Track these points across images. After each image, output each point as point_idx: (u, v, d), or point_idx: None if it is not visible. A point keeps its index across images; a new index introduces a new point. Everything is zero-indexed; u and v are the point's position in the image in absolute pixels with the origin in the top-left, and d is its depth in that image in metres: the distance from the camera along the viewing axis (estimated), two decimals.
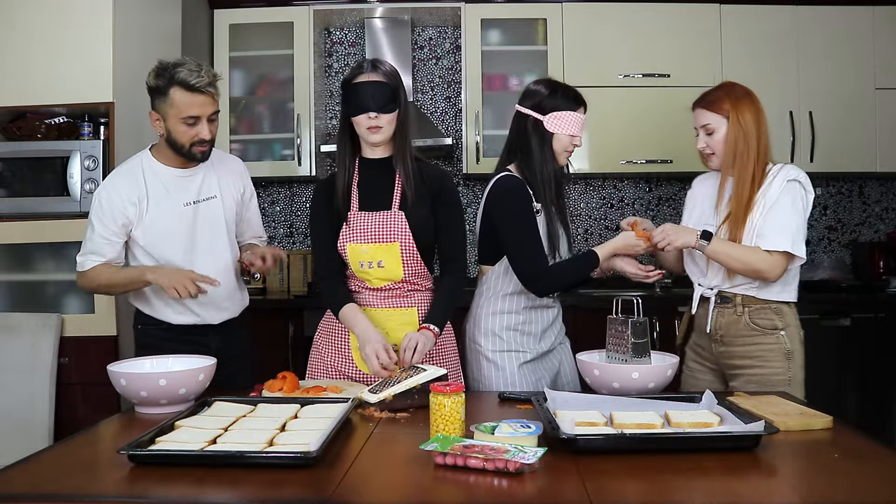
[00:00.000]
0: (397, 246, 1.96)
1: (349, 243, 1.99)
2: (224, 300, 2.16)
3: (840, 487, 1.21)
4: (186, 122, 1.97)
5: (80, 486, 1.23)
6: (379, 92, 1.91)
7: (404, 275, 1.99)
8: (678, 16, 3.60)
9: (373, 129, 1.94)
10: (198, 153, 2.03)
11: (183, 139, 1.99)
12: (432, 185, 2.01)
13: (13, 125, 2.89)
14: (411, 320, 2.01)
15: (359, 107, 1.93)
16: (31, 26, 2.77)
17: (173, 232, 2.06)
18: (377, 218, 1.98)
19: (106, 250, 2.05)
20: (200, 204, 2.10)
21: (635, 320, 1.78)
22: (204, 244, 2.10)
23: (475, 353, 2.09)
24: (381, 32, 3.78)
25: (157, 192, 2.05)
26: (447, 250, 2.05)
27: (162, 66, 1.98)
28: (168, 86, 1.95)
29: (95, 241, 2.04)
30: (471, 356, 2.11)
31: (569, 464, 1.28)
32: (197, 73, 1.94)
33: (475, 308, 2.13)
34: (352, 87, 1.94)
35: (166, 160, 2.07)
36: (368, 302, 2.03)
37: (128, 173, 2.07)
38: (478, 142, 3.57)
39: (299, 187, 3.99)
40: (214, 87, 2.00)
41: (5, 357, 2.70)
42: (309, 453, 1.25)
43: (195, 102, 1.96)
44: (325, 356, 2.08)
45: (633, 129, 3.59)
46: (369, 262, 1.98)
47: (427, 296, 2.06)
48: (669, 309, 3.34)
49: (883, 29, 3.58)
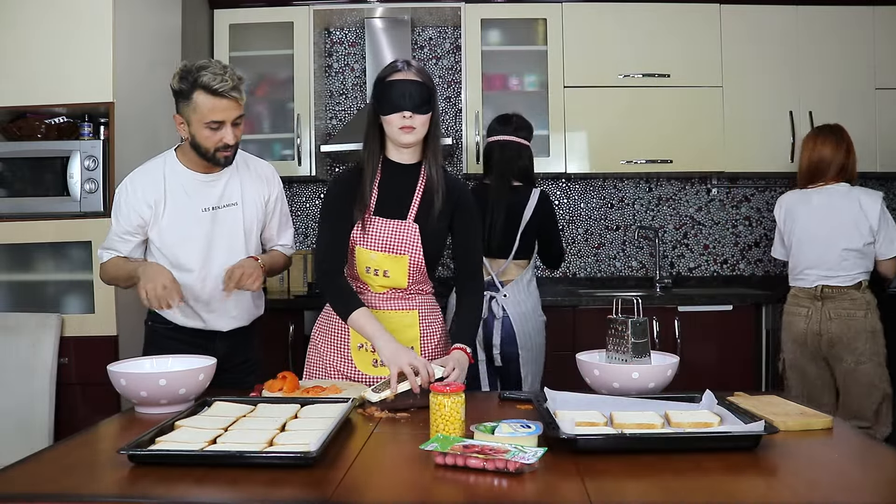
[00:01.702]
0: (406, 259, 1.94)
1: (358, 246, 1.96)
2: (233, 308, 2.14)
3: (840, 487, 1.21)
4: (210, 127, 1.92)
5: (80, 486, 1.23)
6: (415, 91, 1.86)
7: (408, 285, 1.99)
8: (678, 16, 3.60)
9: (405, 130, 1.88)
10: (221, 158, 1.98)
11: (207, 144, 1.95)
12: (453, 197, 1.98)
13: (13, 125, 2.89)
14: (412, 322, 2.01)
15: (392, 105, 1.87)
16: (31, 26, 2.76)
17: (189, 236, 2.04)
18: (391, 227, 1.95)
19: (120, 247, 2.07)
20: (220, 210, 2.06)
21: (635, 320, 1.78)
22: (220, 251, 2.06)
23: (540, 323, 2.76)
24: (381, 32, 3.78)
25: (176, 195, 2.03)
26: (466, 262, 2.03)
27: (186, 69, 1.92)
28: (191, 90, 1.90)
29: (111, 236, 2.08)
30: (538, 325, 2.74)
31: (569, 464, 1.28)
32: (221, 76, 1.89)
33: (532, 290, 2.77)
34: (386, 84, 1.89)
35: (190, 164, 2.04)
36: (369, 303, 2.01)
37: (149, 174, 2.04)
38: (478, 142, 3.57)
39: (299, 187, 3.99)
40: (239, 92, 1.93)
41: (5, 357, 2.70)
42: (309, 453, 1.25)
43: (219, 107, 1.91)
44: (323, 355, 2.07)
45: (633, 129, 3.59)
46: (375, 270, 1.96)
47: (428, 299, 2.05)
48: (669, 309, 3.34)
49: (883, 29, 3.58)
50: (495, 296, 2.72)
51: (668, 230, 3.98)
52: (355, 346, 2.02)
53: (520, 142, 2.82)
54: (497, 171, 2.78)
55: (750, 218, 3.99)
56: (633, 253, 3.99)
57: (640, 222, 3.97)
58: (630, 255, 3.99)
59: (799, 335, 2.91)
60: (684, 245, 3.99)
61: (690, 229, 3.99)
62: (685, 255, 3.99)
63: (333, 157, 3.88)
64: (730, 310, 3.36)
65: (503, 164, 2.78)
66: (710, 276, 4.00)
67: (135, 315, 2.76)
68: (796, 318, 2.92)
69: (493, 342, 2.71)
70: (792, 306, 2.96)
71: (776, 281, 3.95)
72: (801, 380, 2.95)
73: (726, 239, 3.99)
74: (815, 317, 2.86)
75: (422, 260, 1.95)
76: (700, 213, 3.99)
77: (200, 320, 2.11)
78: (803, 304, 2.91)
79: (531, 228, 2.76)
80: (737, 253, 3.99)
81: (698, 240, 3.99)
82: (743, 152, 3.60)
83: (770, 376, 3.36)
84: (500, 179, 2.76)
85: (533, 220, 2.75)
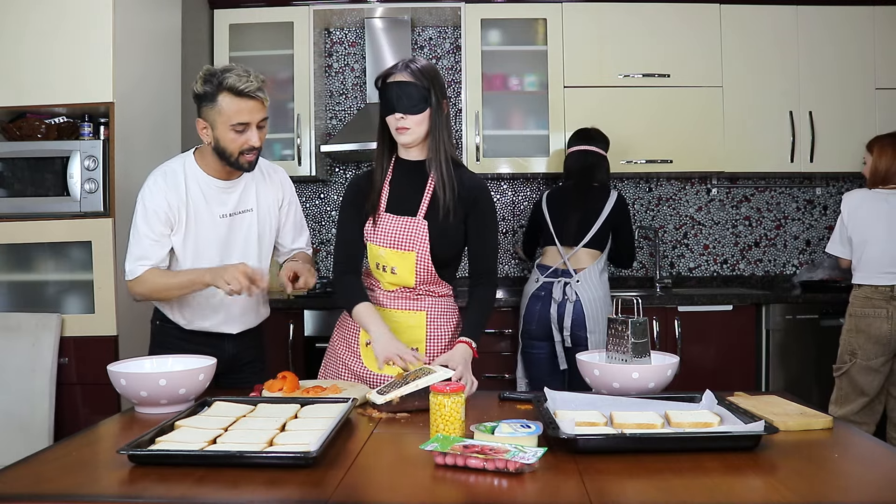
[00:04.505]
0: (413, 256, 1.95)
1: (370, 243, 2.00)
2: (245, 313, 2.13)
3: (840, 487, 1.21)
4: (236, 129, 1.89)
5: (80, 486, 1.23)
6: (406, 92, 1.89)
7: (415, 283, 1.99)
8: (678, 16, 3.60)
9: (400, 130, 1.92)
10: (245, 163, 1.95)
11: (232, 147, 1.92)
12: (468, 194, 1.98)
13: (13, 125, 2.88)
14: (419, 324, 2.01)
15: (388, 107, 1.92)
16: (30, 26, 2.76)
17: (207, 242, 2.02)
18: (400, 223, 1.96)
19: (154, 253, 1.97)
20: (236, 216, 2.04)
21: (635, 320, 1.78)
22: (235, 256, 2.05)
23: (607, 308, 2.97)
24: (381, 32, 3.78)
25: (196, 201, 2.00)
26: (480, 262, 2.03)
27: (209, 72, 1.90)
28: (216, 92, 1.87)
29: (143, 244, 1.96)
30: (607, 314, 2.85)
31: (569, 464, 1.28)
32: (246, 77, 1.88)
33: (604, 281, 3.02)
34: (382, 86, 1.93)
35: (210, 169, 2.00)
36: (379, 301, 2.03)
37: (171, 177, 1.99)
38: (478, 142, 3.57)
39: (299, 187, 3.99)
40: (263, 92, 1.92)
41: (5, 357, 2.70)
42: (309, 453, 1.25)
43: (245, 108, 1.88)
44: (338, 352, 2.09)
45: (633, 129, 3.59)
46: (383, 266, 1.98)
47: (439, 301, 2.04)
48: (669, 309, 3.34)
49: (883, 29, 3.59)
50: (568, 281, 2.99)
51: (668, 230, 3.98)
52: (363, 343, 2.04)
53: (598, 152, 3.16)
54: (578, 175, 3.15)
55: (750, 218, 3.99)
56: None
57: (640, 222, 3.97)
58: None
59: (882, 336, 2.92)
60: (684, 245, 3.99)
61: (690, 229, 3.99)
62: (685, 255, 3.99)
63: (333, 157, 3.88)
64: (730, 310, 3.36)
65: (585, 170, 3.14)
66: (710, 276, 4.00)
67: (135, 315, 2.77)
68: (876, 320, 2.93)
69: (564, 324, 2.96)
70: (866, 308, 2.97)
71: (776, 281, 3.95)
72: (872, 382, 2.97)
73: (726, 239, 3.99)
74: None
75: (428, 258, 1.95)
76: (700, 213, 3.99)
77: (207, 322, 2.09)
78: (879, 304, 2.93)
79: (607, 224, 3.05)
80: (737, 253, 4.00)
81: (698, 240, 3.99)
82: (743, 152, 3.60)
83: (770, 376, 3.36)
84: (582, 181, 3.14)
85: (610, 217, 3.05)
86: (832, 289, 3.54)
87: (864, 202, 3.03)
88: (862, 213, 3.02)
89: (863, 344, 2.97)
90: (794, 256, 4.00)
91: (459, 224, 1.99)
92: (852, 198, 3.08)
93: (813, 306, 3.38)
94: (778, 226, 3.99)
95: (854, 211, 3.05)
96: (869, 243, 2.98)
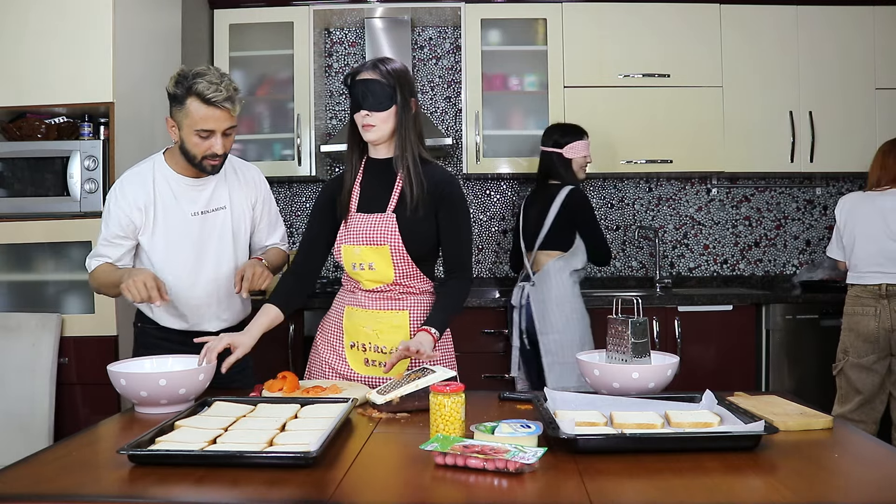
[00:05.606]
0: (387, 249, 1.95)
1: (343, 244, 2.00)
2: (224, 311, 2.14)
3: (840, 487, 1.21)
4: (200, 135, 1.91)
5: (80, 486, 1.23)
6: (371, 90, 1.92)
7: (395, 277, 1.98)
8: (678, 16, 3.60)
9: (366, 127, 1.95)
10: (208, 167, 1.97)
11: (195, 150, 1.94)
12: (435, 188, 1.98)
13: (13, 125, 2.89)
14: (402, 323, 2.01)
15: (355, 104, 1.95)
16: (31, 26, 2.77)
17: (179, 241, 2.03)
18: (370, 220, 1.98)
19: (109, 252, 2.04)
20: (208, 214, 2.06)
21: (635, 320, 1.78)
22: (210, 254, 2.07)
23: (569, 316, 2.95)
24: (381, 32, 3.78)
25: (165, 199, 2.02)
26: (450, 256, 2.03)
27: (182, 73, 1.91)
28: (185, 95, 1.88)
29: (100, 242, 2.04)
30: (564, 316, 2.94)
31: (569, 464, 1.28)
32: (216, 86, 1.87)
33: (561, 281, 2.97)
34: (351, 84, 1.97)
35: (179, 168, 2.03)
36: (361, 303, 2.03)
37: (138, 177, 2.03)
38: (478, 142, 3.57)
39: (299, 187, 3.99)
40: (232, 103, 1.91)
41: (5, 357, 2.70)
42: (309, 453, 1.25)
43: (211, 116, 1.89)
44: (321, 354, 2.10)
45: (633, 129, 3.59)
46: (360, 264, 1.99)
47: (421, 300, 2.04)
48: (669, 309, 3.34)
49: (883, 29, 3.58)
50: (524, 284, 3.06)
51: (668, 230, 3.98)
52: (348, 345, 2.05)
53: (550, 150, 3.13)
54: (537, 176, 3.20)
55: (750, 218, 3.99)
56: (633, 253, 3.99)
57: (640, 222, 3.97)
58: (630, 255, 3.99)
59: (871, 334, 2.95)
60: (684, 245, 3.99)
61: (690, 229, 3.99)
62: (685, 255, 3.99)
63: (333, 157, 3.88)
64: (730, 310, 3.36)
65: (540, 171, 3.18)
66: (710, 276, 4.00)
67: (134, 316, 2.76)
68: (864, 318, 2.97)
69: (522, 327, 3.05)
70: (856, 307, 3.01)
71: (776, 281, 3.95)
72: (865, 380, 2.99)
73: (726, 239, 3.99)
74: (885, 314, 2.92)
75: (403, 250, 1.95)
76: (700, 213, 3.99)
77: (186, 322, 2.10)
78: (868, 303, 2.96)
79: (560, 221, 3.01)
80: (737, 253, 4.00)
81: (698, 240, 3.99)
82: (743, 152, 3.60)
83: (770, 376, 3.36)
84: (539, 181, 3.18)
85: (562, 214, 3.00)
86: (832, 289, 3.54)
87: (855, 204, 3.08)
88: (852, 215, 3.07)
89: (854, 342, 3.01)
90: (794, 256, 4.00)
91: (430, 219, 1.99)
92: (844, 201, 3.14)
93: (813, 306, 3.38)
94: (778, 226, 3.99)
95: (845, 213, 3.11)
96: (858, 243, 3.03)
